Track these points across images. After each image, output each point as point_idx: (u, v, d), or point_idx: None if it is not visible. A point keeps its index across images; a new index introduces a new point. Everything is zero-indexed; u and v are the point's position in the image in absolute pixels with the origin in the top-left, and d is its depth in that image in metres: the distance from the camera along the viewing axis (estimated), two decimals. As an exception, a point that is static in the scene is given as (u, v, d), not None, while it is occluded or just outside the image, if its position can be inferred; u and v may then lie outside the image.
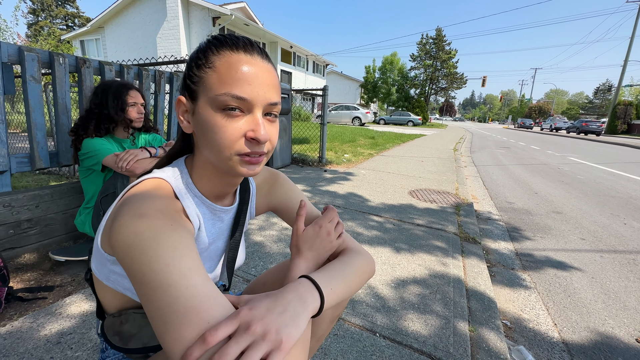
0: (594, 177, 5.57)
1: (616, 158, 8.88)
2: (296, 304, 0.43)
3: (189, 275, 0.39)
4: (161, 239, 0.41)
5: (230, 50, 0.47)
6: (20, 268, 1.58)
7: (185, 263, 0.40)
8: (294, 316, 0.41)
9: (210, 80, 0.46)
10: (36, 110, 1.70)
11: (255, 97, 0.46)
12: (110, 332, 0.56)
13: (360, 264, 0.61)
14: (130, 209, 0.44)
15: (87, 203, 1.62)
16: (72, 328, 1.19)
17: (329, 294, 0.49)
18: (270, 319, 0.39)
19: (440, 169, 5.22)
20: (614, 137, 21.64)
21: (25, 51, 1.60)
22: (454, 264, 1.90)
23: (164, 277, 0.38)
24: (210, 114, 0.47)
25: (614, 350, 1.41)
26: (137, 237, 0.40)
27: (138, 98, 1.59)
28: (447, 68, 36.07)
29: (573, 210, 3.52)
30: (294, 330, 0.40)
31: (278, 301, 0.42)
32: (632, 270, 2.18)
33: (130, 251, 0.40)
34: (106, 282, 0.54)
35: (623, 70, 24.62)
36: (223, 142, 0.47)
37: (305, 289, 0.47)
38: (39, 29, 33.07)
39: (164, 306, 0.37)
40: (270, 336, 0.37)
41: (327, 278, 0.52)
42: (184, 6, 13.63)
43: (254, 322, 0.38)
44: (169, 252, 0.40)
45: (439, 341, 1.23)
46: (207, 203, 0.58)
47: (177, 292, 0.37)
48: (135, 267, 0.39)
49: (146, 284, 0.38)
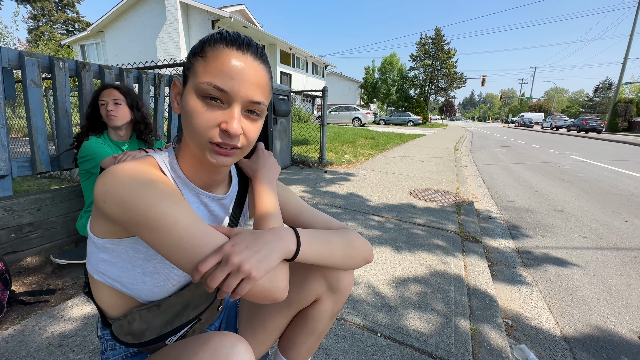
0: (595, 175, 5.56)
1: (617, 156, 8.86)
2: (272, 245, 0.50)
3: (183, 217, 0.47)
4: (149, 189, 0.47)
5: (224, 45, 0.49)
6: (22, 272, 1.59)
7: (177, 208, 0.47)
8: (269, 254, 0.49)
9: (199, 68, 0.49)
10: (37, 114, 1.71)
11: (235, 92, 0.48)
12: (121, 334, 0.57)
13: (351, 238, 0.65)
14: (115, 170, 0.48)
15: (88, 206, 1.63)
16: (74, 331, 1.19)
17: (306, 245, 0.55)
18: (246, 254, 0.46)
19: (441, 169, 5.22)
20: (614, 134, 21.59)
21: (25, 56, 1.61)
22: (454, 263, 1.90)
23: (163, 223, 0.45)
24: (192, 99, 0.50)
25: (617, 348, 1.41)
26: (127, 189, 0.46)
27: (109, 96, 1.53)
28: (447, 68, 36.06)
29: (574, 209, 3.51)
30: (264, 265, 0.47)
31: (257, 240, 0.50)
32: (634, 267, 2.17)
33: (124, 205, 0.46)
34: (96, 276, 0.56)
35: (623, 68, 24.57)
36: (198, 128, 0.50)
37: (285, 232, 0.54)
38: (39, 34, 33.24)
39: (173, 246, 0.46)
40: (243, 268, 0.45)
41: (310, 235, 0.58)
42: (183, 10, 13.69)
43: (232, 256, 0.45)
44: (161, 201, 0.46)
45: (440, 340, 1.23)
46: (189, 185, 0.59)
47: (178, 233, 0.46)
48: (134, 219, 0.46)
49: (151, 229, 0.46)
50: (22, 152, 4.72)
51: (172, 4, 13.34)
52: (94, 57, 17.25)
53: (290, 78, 19.81)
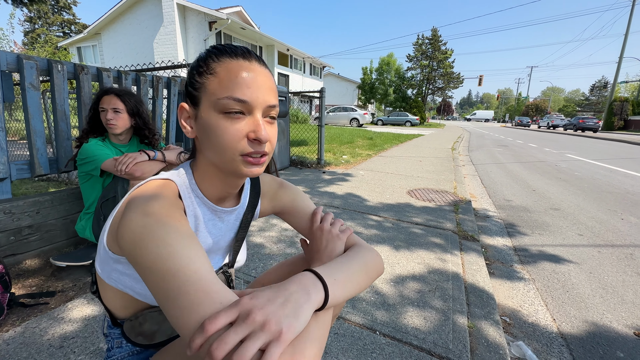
0: (591, 174, 5.60)
1: (613, 154, 8.92)
2: (298, 296, 0.42)
3: (197, 261, 0.41)
4: (168, 229, 0.43)
5: (229, 57, 0.50)
6: (22, 274, 1.59)
7: (192, 250, 0.42)
8: (296, 307, 0.40)
9: (212, 85, 0.49)
10: (35, 117, 1.71)
11: (255, 100, 0.49)
12: (132, 334, 0.58)
13: (366, 258, 0.61)
14: (138, 206, 0.46)
15: (88, 208, 1.63)
16: (75, 332, 1.20)
17: (332, 285, 0.48)
18: (270, 309, 0.38)
19: (439, 169, 5.24)
20: (611, 133, 21.74)
21: (24, 59, 1.61)
22: (452, 261, 1.91)
23: (172, 263, 0.40)
24: (213, 117, 0.49)
25: (612, 344, 1.43)
26: (145, 229, 0.43)
27: (109, 104, 1.53)
28: (444, 68, 36.18)
29: (570, 207, 3.54)
30: (294, 321, 0.39)
31: (280, 292, 0.42)
32: (629, 264, 2.20)
33: (139, 243, 0.42)
34: (108, 281, 0.55)
35: (618, 67, 24.76)
36: (226, 144, 0.49)
37: (308, 280, 0.46)
38: (35, 36, 33.08)
39: (174, 289, 0.39)
40: (269, 326, 0.36)
41: (331, 270, 0.51)
42: (180, 11, 13.68)
43: (253, 311, 0.37)
44: (176, 241, 0.42)
45: (439, 338, 1.24)
46: (208, 204, 0.59)
47: (185, 276, 0.39)
48: (144, 256, 0.41)
49: (156, 271, 0.40)
50: (18, 155, 4.70)
51: (169, 5, 13.33)
52: (90, 59, 17.21)
53: (287, 79, 19.82)
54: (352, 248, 0.64)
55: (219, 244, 0.67)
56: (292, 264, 0.77)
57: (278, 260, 1.84)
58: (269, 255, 1.90)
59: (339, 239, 0.64)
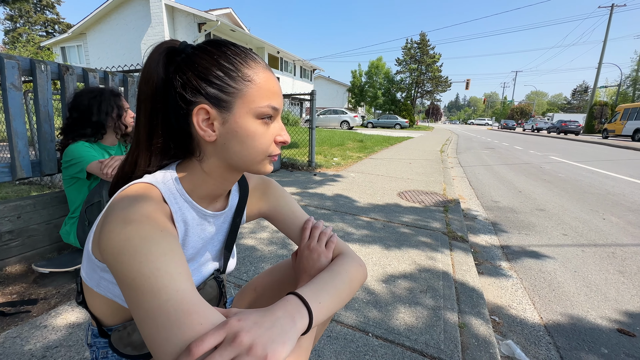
0: (574, 175, 5.78)
1: (594, 156, 9.24)
2: (284, 322, 0.43)
3: (179, 279, 0.40)
4: (150, 244, 0.41)
5: (260, 65, 0.53)
6: (2, 281, 1.53)
7: (175, 268, 0.41)
8: (282, 333, 0.41)
9: (251, 92, 0.50)
10: (17, 118, 1.65)
11: (281, 107, 0.55)
12: (120, 345, 0.56)
13: (350, 271, 0.63)
14: (119, 215, 0.44)
15: (73, 213, 1.58)
16: (58, 341, 1.15)
17: (317, 310, 0.49)
18: (257, 332, 0.39)
19: (428, 171, 5.31)
20: (591, 136, 22.51)
21: (5, 58, 1.56)
22: (442, 261, 1.94)
23: (154, 281, 0.38)
24: (252, 123, 0.51)
25: (597, 340, 1.47)
26: (127, 243, 0.41)
27: (125, 104, 1.60)
28: (432, 72, 36.79)
29: (555, 207, 3.64)
30: (280, 347, 0.39)
31: (267, 317, 0.42)
32: (611, 262, 2.27)
33: (120, 257, 0.40)
34: (96, 290, 0.53)
35: (598, 72, 25.74)
36: (261, 147, 0.53)
37: (293, 307, 0.47)
38: (17, 35, 32.12)
39: (154, 309, 0.37)
40: (255, 350, 0.37)
41: (316, 291, 0.52)
42: (168, 12, 13.52)
43: (241, 334, 0.37)
44: (159, 257, 0.40)
45: (430, 338, 1.25)
46: (197, 208, 0.58)
47: (167, 295, 0.38)
48: (125, 272, 0.40)
49: (136, 288, 0.39)
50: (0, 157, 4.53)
51: (157, 6, 13.16)
52: (75, 59, 16.80)
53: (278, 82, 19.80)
54: (337, 260, 0.66)
55: (209, 248, 0.65)
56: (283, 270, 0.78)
57: (270, 264, 1.83)
58: (260, 259, 1.88)
59: (325, 257, 0.66)
